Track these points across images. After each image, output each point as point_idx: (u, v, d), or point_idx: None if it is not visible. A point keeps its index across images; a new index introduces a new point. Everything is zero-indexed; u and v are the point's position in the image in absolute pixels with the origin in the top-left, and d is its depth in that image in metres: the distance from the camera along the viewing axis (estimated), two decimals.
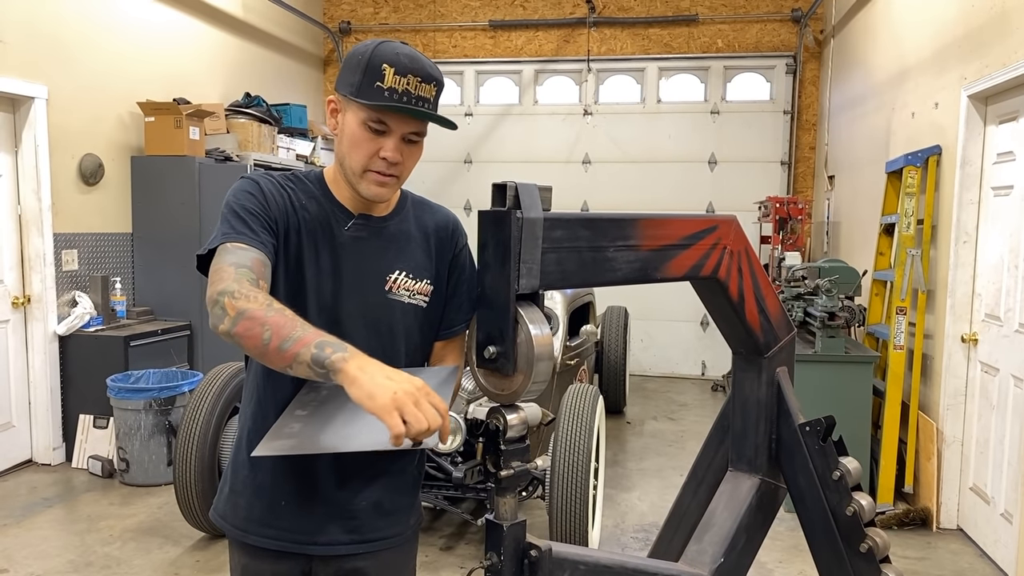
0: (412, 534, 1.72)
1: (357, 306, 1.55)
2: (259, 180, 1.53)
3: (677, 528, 1.83)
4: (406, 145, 1.50)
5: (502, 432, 1.30)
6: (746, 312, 1.61)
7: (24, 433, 5.09)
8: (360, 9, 8.98)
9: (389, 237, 1.60)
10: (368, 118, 1.45)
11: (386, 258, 1.58)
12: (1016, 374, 3.76)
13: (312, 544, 1.58)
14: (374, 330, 1.56)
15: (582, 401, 3.68)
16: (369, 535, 1.61)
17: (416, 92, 1.44)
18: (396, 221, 1.62)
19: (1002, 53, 3.84)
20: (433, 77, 1.47)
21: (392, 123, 1.46)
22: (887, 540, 1.58)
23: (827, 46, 7.70)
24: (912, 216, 4.56)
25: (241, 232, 1.42)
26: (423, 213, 1.68)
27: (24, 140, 4.96)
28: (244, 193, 1.49)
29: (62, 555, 3.83)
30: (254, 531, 1.59)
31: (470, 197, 8.76)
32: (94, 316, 5.22)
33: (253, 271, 1.35)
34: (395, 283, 1.58)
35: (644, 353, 8.55)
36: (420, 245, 1.63)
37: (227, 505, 1.63)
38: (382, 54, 1.44)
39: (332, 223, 1.56)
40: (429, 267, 1.63)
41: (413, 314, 1.60)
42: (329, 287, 1.54)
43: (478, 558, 3.64)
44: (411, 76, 1.43)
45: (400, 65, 1.43)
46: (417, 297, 1.60)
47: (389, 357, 1.56)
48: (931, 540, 4.18)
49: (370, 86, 1.42)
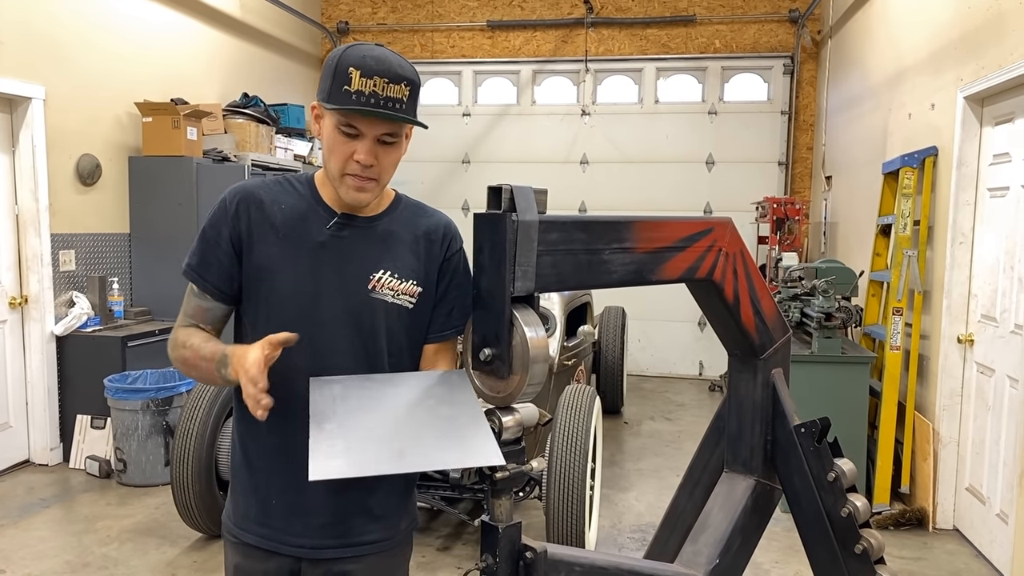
0: (403, 538, 1.71)
1: (339, 305, 1.56)
2: (228, 199, 1.59)
3: (673, 529, 1.83)
4: (380, 147, 1.50)
5: (498, 434, 1.30)
6: (741, 314, 1.61)
7: (21, 433, 5.08)
8: (358, 9, 8.98)
9: (375, 236, 1.60)
10: (339, 122, 1.47)
11: (370, 257, 1.59)
12: (1011, 375, 3.77)
13: (300, 547, 1.59)
14: (356, 329, 1.57)
15: (579, 402, 3.68)
16: (357, 539, 1.61)
17: (384, 93, 1.44)
18: (385, 221, 1.63)
19: (998, 55, 3.85)
20: (403, 77, 1.47)
21: (362, 126, 1.47)
22: (882, 541, 1.59)
23: (824, 47, 7.71)
24: (908, 217, 4.57)
25: (195, 270, 1.59)
26: (416, 216, 1.68)
27: (21, 140, 4.95)
28: (212, 218, 1.60)
29: (59, 555, 3.83)
30: (249, 529, 1.62)
31: (468, 197, 8.76)
32: (91, 316, 5.21)
33: (194, 319, 1.61)
34: (379, 282, 1.58)
35: (642, 353, 8.55)
36: (409, 247, 1.63)
37: (230, 506, 1.68)
38: (349, 58, 1.45)
39: (312, 222, 1.57)
40: (417, 269, 1.62)
41: (397, 314, 1.60)
42: (307, 288, 1.55)
43: (475, 559, 3.64)
44: (377, 78, 1.44)
45: (366, 67, 1.44)
46: (402, 297, 1.60)
47: (372, 356, 1.58)
48: (927, 540, 4.19)
49: (339, 90, 1.44)
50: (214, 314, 1.60)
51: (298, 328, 1.49)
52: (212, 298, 1.58)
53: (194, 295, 1.60)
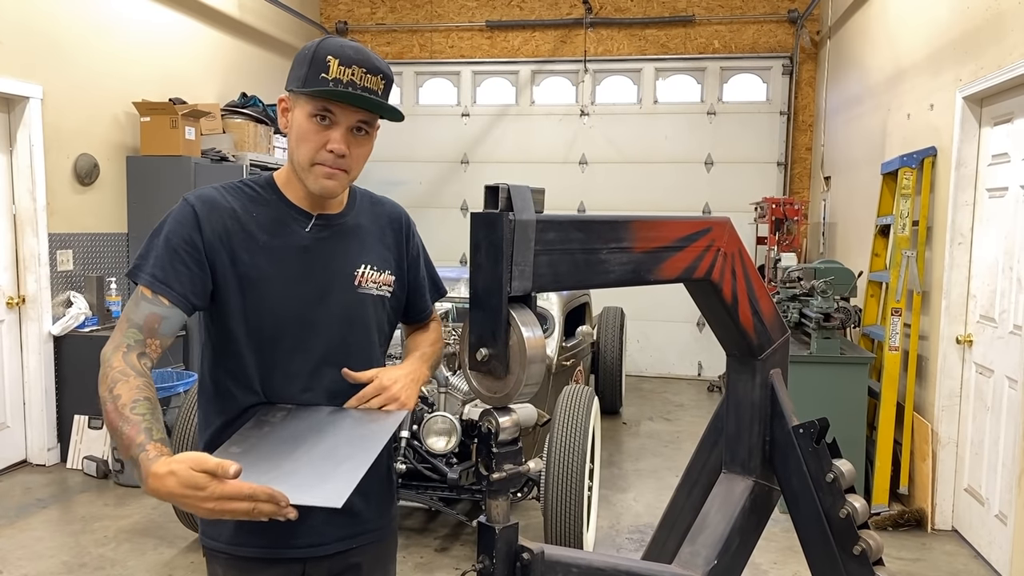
0: (395, 525, 1.76)
1: (331, 305, 1.56)
2: (196, 205, 1.50)
3: (671, 530, 1.82)
4: (354, 137, 1.50)
5: (494, 435, 1.30)
6: (739, 314, 1.60)
7: (19, 433, 5.07)
8: (357, 9, 8.97)
9: (349, 233, 1.62)
10: (314, 109, 1.46)
11: (351, 255, 1.60)
12: (1010, 375, 3.76)
13: (305, 547, 1.57)
14: (348, 326, 1.58)
15: (577, 402, 3.67)
16: (360, 527, 1.62)
17: (361, 83, 1.45)
18: (352, 216, 1.64)
19: (997, 55, 3.85)
20: (380, 70, 1.49)
21: (338, 112, 1.47)
22: (880, 542, 1.58)
23: (823, 47, 7.72)
24: (907, 217, 4.56)
25: (152, 274, 1.44)
26: (373, 205, 1.71)
27: (19, 140, 4.94)
28: (176, 224, 1.49)
29: (56, 556, 3.82)
30: (245, 543, 1.56)
31: (466, 197, 8.75)
32: (89, 316, 5.20)
33: (143, 330, 1.41)
34: (363, 277, 1.61)
35: (640, 354, 8.55)
36: (378, 238, 1.66)
37: (212, 526, 1.57)
38: (327, 47, 1.46)
39: (291, 227, 1.56)
40: (388, 258, 1.67)
41: (382, 305, 1.65)
42: (301, 291, 1.54)
43: (473, 559, 3.64)
44: (356, 67, 1.45)
45: (344, 56, 1.45)
46: (383, 288, 1.64)
47: (364, 349, 1.61)
48: (926, 541, 4.19)
49: (315, 78, 1.44)
50: (170, 323, 1.44)
51: (292, 332, 1.50)
52: (173, 306, 1.44)
53: (146, 301, 1.43)
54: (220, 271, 1.50)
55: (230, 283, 1.51)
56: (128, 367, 1.35)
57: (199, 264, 1.48)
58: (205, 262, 1.49)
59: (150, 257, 1.46)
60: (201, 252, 1.48)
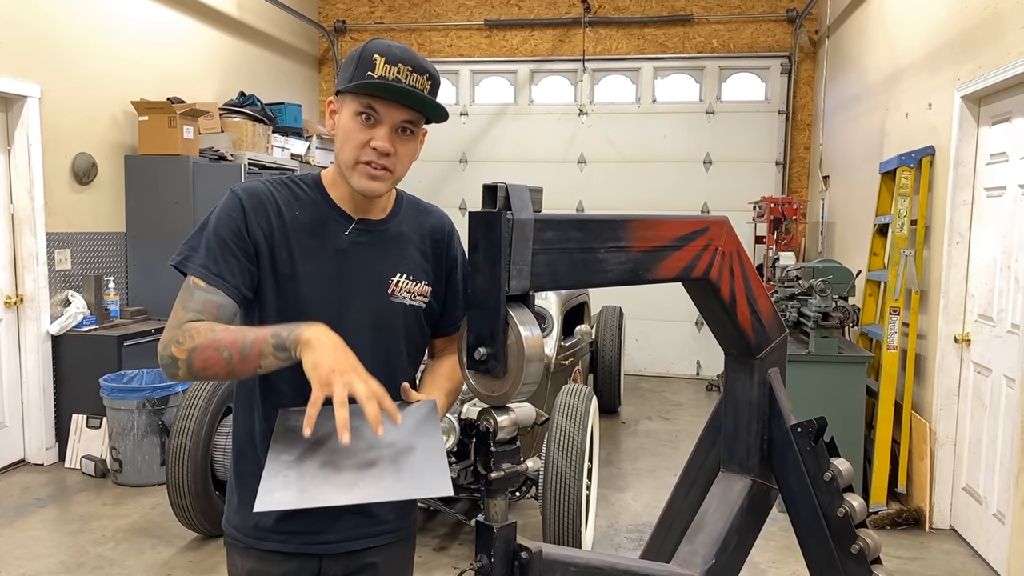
0: (414, 528, 1.74)
1: (362, 311, 1.56)
2: (244, 199, 1.52)
3: (669, 529, 1.82)
4: (398, 137, 1.50)
5: (492, 434, 1.30)
6: (738, 313, 1.60)
7: (17, 433, 5.07)
8: (355, 8, 8.97)
9: (389, 240, 1.61)
10: (359, 107, 1.47)
11: (388, 262, 1.59)
12: (1008, 374, 3.77)
13: (324, 543, 1.58)
14: (379, 333, 1.58)
15: (576, 401, 3.68)
16: (379, 528, 1.62)
17: (407, 81, 1.45)
18: (395, 223, 1.63)
19: (995, 54, 3.85)
20: (426, 69, 1.48)
21: (382, 111, 1.47)
22: (878, 541, 1.58)
23: (822, 46, 7.72)
24: (905, 217, 4.57)
25: (204, 266, 1.46)
26: (419, 214, 1.69)
27: (17, 139, 4.94)
28: (226, 215, 1.51)
29: (54, 555, 3.81)
30: (266, 537, 1.58)
31: (465, 197, 8.75)
32: (87, 316, 5.20)
33: (202, 313, 1.43)
34: (397, 286, 1.59)
35: (639, 353, 8.55)
36: (417, 247, 1.64)
37: (237, 516, 1.61)
38: (374, 47, 1.47)
39: (331, 228, 1.56)
40: (427, 268, 1.65)
41: (414, 315, 1.63)
42: (332, 294, 1.54)
43: (471, 558, 3.64)
44: (402, 65, 1.45)
45: (391, 55, 1.45)
46: (417, 299, 1.62)
47: (392, 358, 1.59)
48: (924, 540, 4.19)
49: (361, 76, 1.45)
50: (227, 311, 1.46)
51: None
52: (227, 296, 1.46)
53: (200, 290, 1.45)
54: (261, 265, 1.52)
55: (268, 279, 1.52)
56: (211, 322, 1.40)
57: (248, 256, 1.50)
58: (253, 254, 1.50)
59: (200, 248, 1.48)
60: (249, 244, 1.50)
